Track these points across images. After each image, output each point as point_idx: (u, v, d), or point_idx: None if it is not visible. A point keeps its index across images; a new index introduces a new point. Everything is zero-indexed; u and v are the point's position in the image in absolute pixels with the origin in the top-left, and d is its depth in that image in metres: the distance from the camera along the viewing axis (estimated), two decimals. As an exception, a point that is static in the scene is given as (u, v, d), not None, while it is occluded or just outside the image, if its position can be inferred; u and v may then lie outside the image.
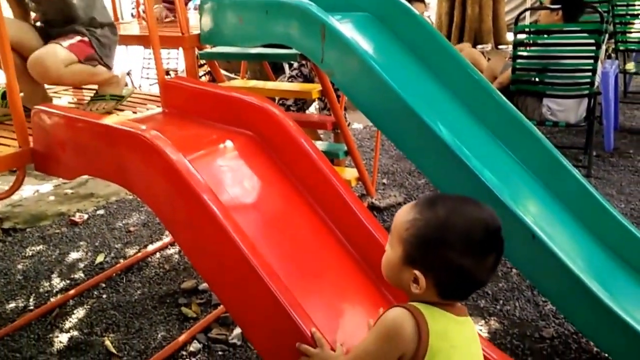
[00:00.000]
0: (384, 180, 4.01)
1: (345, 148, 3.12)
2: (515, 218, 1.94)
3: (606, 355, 2.08)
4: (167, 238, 3.28)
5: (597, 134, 4.19)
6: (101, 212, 3.79)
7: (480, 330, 2.31)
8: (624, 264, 2.24)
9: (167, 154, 1.45)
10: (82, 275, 2.96)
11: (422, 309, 1.07)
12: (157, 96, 2.30)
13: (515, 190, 2.31)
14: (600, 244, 2.28)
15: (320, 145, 3.23)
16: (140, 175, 1.58)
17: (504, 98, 2.55)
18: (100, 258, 3.13)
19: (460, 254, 1.03)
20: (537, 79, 3.99)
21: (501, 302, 2.52)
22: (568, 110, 3.94)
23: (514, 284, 2.64)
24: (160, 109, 2.15)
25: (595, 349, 2.16)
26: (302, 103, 3.84)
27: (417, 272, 1.07)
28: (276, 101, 3.76)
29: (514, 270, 2.72)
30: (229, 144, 1.82)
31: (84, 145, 1.75)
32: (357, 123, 5.32)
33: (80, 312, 2.61)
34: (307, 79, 3.72)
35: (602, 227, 2.32)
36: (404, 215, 1.11)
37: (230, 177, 1.72)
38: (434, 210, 1.07)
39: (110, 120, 1.70)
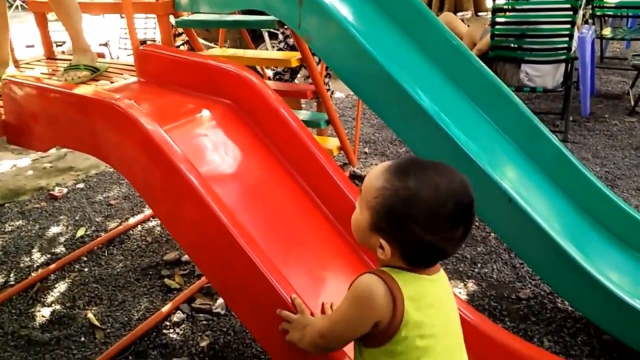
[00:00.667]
0: (366, 150, 4.02)
1: (327, 117, 3.11)
2: (492, 182, 1.97)
3: (580, 314, 2.14)
4: (148, 210, 3.26)
5: (574, 99, 4.24)
6: (81, 185, 3.75)
7: (459, 293, 2.36)
8: (599, 226, 2.29)
9: (141, 124, 1.43)
10: (63, 249, 2.94)
11: (394, 275, 1.05)
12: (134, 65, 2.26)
13: (493, 155, 2.33)
14: (575, 207, 2.33)
15: (302, 114, 3.21)
16: (114, 146, 1.55)
17: (482, 64, 2.55)
18: (81, 232, 3.11)
19: (427, 230, 1.00)
20: (515, 45, 4.01)
21: (479, 265, 2.57)
22: (545, 75, 3.98)
23: (492, 248, 2.70)
24: (135, 79, 2.11)
25: (570, 308, 2.22)
26: (296, 75, 3.80)
27: (382, 241, 1.05)
28: (273, 75, 3.69)
29: (492, 234, 2.77)
30: (206, 113, 1.80)
31: (56, 116, 1.72)
32: (339, 92, 5.29)
33: (62, 286, 2.60)
34: (294, 50, 3.67)
35: (577, 190, 2.36)
36: (374, 180, 1.06)
37: (208, 147, 1.71)
38: (404, 180, 1.02)
39: (82, 90, 1.66)
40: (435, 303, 1.07)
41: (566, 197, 2.34)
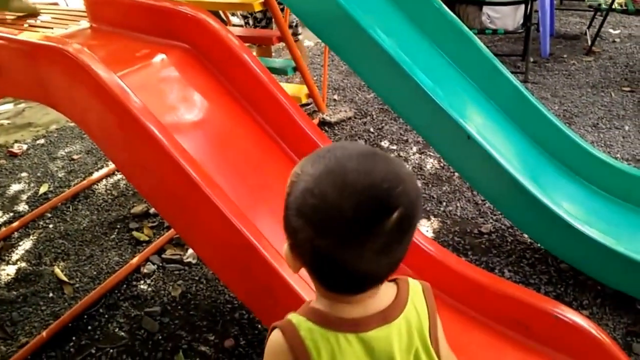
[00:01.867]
0: (335, 97, 4.00)
1: (294, 64, 3.07)
2: (451, 121, 2.00)
3: (539, 245, 2.23)
4: (113, 164, 3.21)
5: (534, 40, 4.29)
6: (41, 141, 3.66)
7: (426, 231, 2.42)
8: (555, 161, 2.37)
9: (93, 70, 1.37)
10: (26, 207, 2.89)
11: (306, 335, 0.79)
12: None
13: (453, 95, 2.36)
14: (533, 143, 2.40)
15: (267, 61, 3.16)
16: (65, 94, 1.49)
17: (444, 7, 2.55)
18: (44, 188, 3.05)
19: (320, 232, 0.73)
20: (477, -14, 4.01)
21: (444, 204, 2.63)
22: (506, 17, 4.01)
23: (456, 187, 2.76)
24: (87, 24, 2.02)
25: (529, 240, 2.31)
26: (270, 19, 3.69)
27: (285, 246, 0.80)
28: (250, 23, 3.57)
29: (456, 174, 2.83)
30: (163, 57, 1.75)
31: (2, 64, 1.63)
32: (307, 40, 5.21)
33: (26, 244, 2.57)
34: None
35: (535, 128, 2.43)
36: (295, 166, 0.81)
37: (166, 93, 1.67)
38: (315, 166, 0.76)
39: (29, 36, 1.58)
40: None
41: (524, 135, 2.41)
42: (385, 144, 3.26)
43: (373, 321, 0.79)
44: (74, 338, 2.00)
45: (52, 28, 2.16)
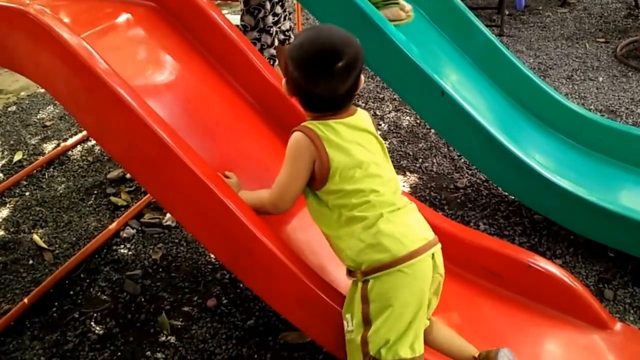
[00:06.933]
0: (307, 54, 3.95)
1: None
2: (425, 76, 1.99)
3: (513, 198, 2.27)
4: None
5: (509, -7, 4.27)
6: (12, 108, 3.57)
7: (403, 186, 2.45)
8: (529, 114, 2.40)
9: (56, 32, 1.32)
10: (0, 175, 2.84)
11: (311, 126, 1.28)
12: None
13: (427, 51, 2.35)
14: (507, 97, 2.41)
15: (236, 19, 3.09)
16: (30, 58, 1.42)
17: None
18: (18, 156, 3.00)
19: (304, 76, 1.25)
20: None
21: (420, 160, 2.65)
22: (482, -32, 3.95)
23: (432, 143, 2.78)
24: (48, -14, 1.95)
25: (503, 193, 2.35)
26: None
27: (283, 81, 1.32)
28: None
29: (432, 131, 2.84)
30: (128, 17, 1.70)
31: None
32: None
33: (3, 212, 2.54)
34: None
35: (510, 82, 2.44)
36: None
37: (133, 53, 1.63)
38: (298, 39, 1.29)
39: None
40: (347, 138, 1.29)
41: (498, 89, 2.42)
42: (361, 102, 3.25)
43: (345, 113, 1.34)
44: (56, 303, 2.00)
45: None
